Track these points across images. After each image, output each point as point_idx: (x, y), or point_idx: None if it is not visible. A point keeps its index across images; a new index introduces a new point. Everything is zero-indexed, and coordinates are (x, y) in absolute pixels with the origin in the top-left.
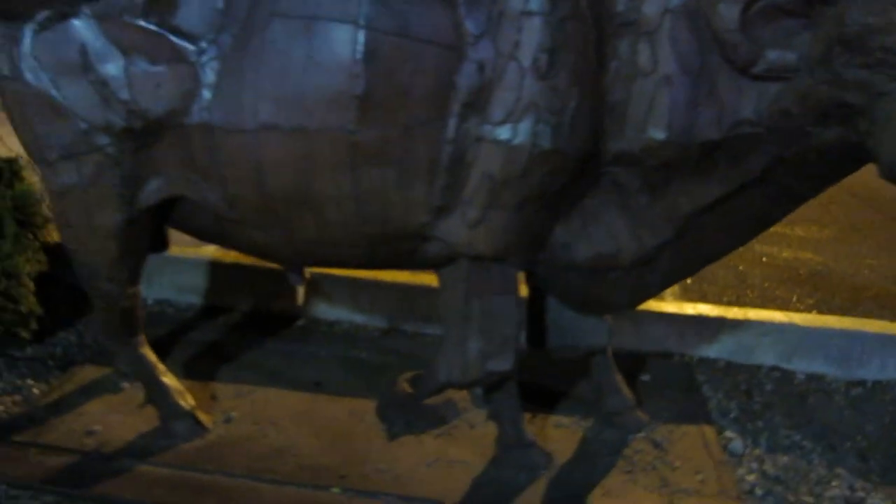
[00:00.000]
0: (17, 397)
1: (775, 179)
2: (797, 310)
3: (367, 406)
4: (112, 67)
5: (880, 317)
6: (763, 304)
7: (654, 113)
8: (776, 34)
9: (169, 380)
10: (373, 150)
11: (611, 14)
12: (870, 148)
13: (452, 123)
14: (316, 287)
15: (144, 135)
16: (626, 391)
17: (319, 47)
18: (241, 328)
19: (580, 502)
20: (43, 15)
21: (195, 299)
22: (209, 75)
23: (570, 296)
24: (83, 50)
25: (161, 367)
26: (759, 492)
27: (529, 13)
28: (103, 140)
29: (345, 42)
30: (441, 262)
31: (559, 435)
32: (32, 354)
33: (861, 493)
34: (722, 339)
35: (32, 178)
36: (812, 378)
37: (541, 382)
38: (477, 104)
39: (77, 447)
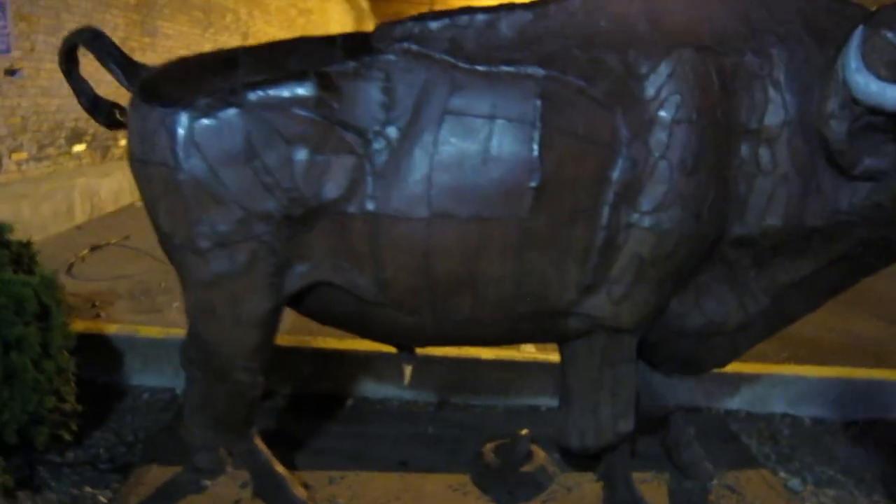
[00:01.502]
0: None
1: (857, 257)
2: (775, 362)
3: (463, 480)
4: (276, 156)
5: (840, 365)
6: (748, 360)
7: (772, 204)
8: (869, 144)
9: (283, 470)
10: (540, 236)
11: (738, 123)
12: None
13: (606, 211)
14: (364, 366)
15: (301, 222)
16: (697, 444)
17: (498, 144)
18: (293, 412)
19: None
20: (203, 101)
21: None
22: (375, 166)
23: (674, 359)
24: (248, 138)
25: (273, 458)
26: None
27: (679, 121)
28: (260, 228)
29: (522, 140)
30: (574, 336)
31: (648, 490)
32: (75, 460)
33: None
34: (742, 391)
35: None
36: (816, 421)
37: None
38: (628, 195)
39: None
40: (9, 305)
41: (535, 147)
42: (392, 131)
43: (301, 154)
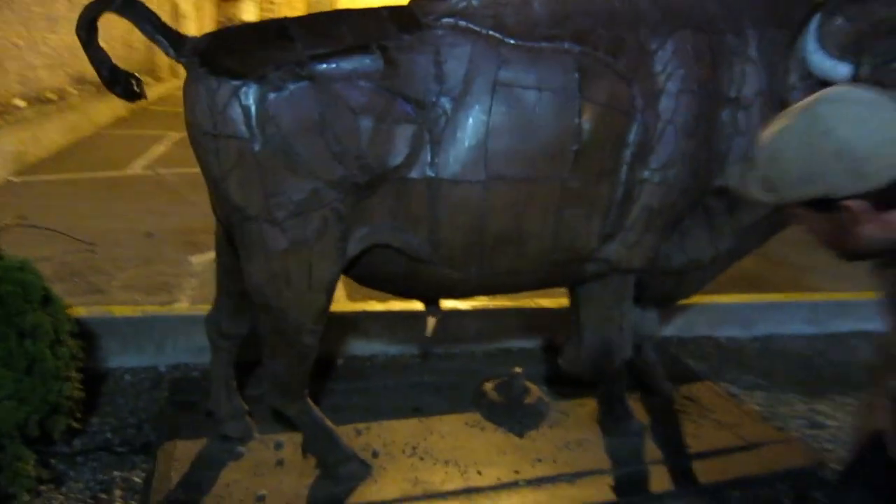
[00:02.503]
0: (118, 492)
1: None
2: None
3: (476, 417)
4: (345, 126)
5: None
6: None
7: None
8: None
9: (332, 425)
10: (575, 193)
11: (722, 92)
12: None
13: (624, 170)
14: (351, 326)
15: (365, 188)
16: (659, 366)
17: (544, 112)
18: None
19: (681, 448)
20: (275, 74)
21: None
22: (433, 134)
23: (657, 294)
24: (319, 110)
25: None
26: (766, 414)
27: (682, 91)
28: (332, 195)
29: (565, 109)
30: (590, 278)
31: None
32: (84, 447)
33: (815, 410)
34: (673, 320)
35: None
36: (731, 340)
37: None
38: (641, 155)
39: None
40: (17, 292)
41: (576, 115)
42: (446, 102)
43: (367, 124)
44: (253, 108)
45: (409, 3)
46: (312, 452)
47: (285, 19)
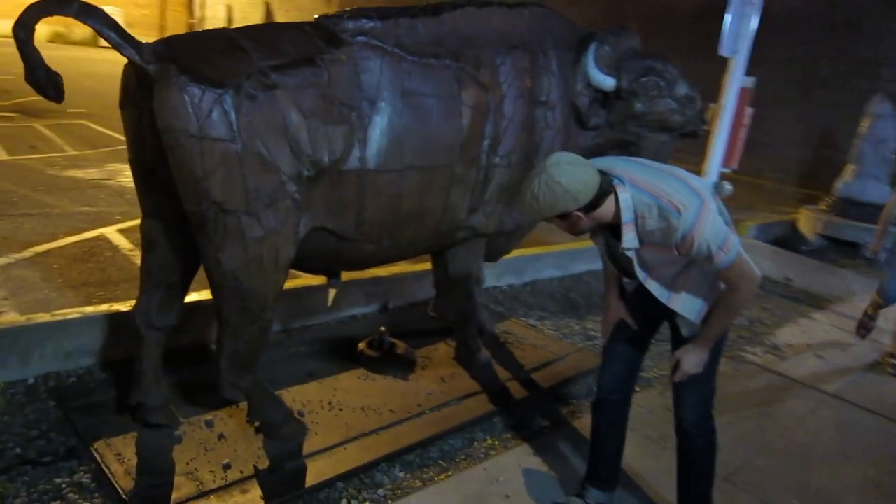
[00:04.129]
0: (73, 496)
1: None
2: None
3: (362, 372)
4: (301, 128)
5: None
6: None
7: (554, 146)
8: (594, 111)
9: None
10: (458, 177)
11: (538, 97)
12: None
13: (484, 157)
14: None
15: (313, 180)
16: (483, 309)
17: (439, 114)
18: (174, 370)
19: (520, 367)
20: (249, 84)
21: (90, 360)
22: (360, 133)
23: (492, 251)
24: (283, 114)
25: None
26: (558, 335)
27: (518, 97)
28: (293, 188)
29: (453, 111)
30: (458, 242)
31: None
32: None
33: (585, 328)
34: None
35: None
36: (510, 287)
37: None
38: (494, 145)
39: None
40: None
41: (459, 116)
42: (367, 106)
43: (316, 125)
44: (233, 114)
45: (320, 20)
46: (260, 418)
47: (229, 30)
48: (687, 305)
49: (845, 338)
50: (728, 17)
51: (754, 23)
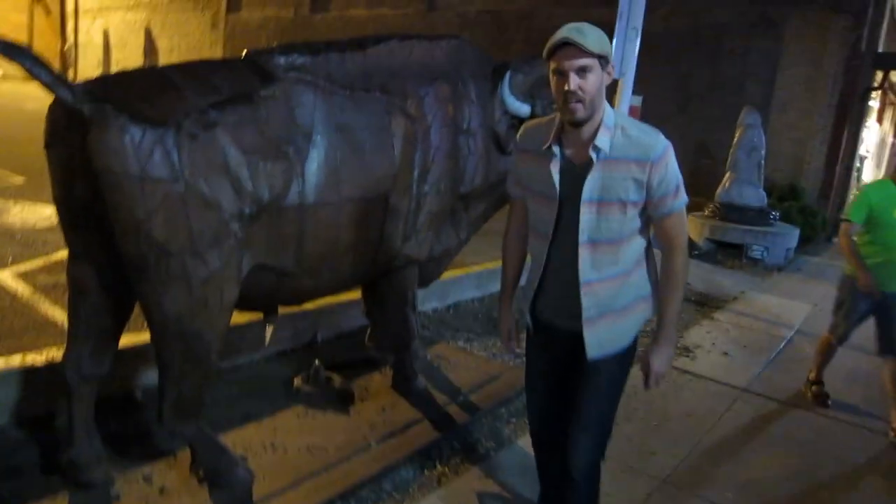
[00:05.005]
0: None
1: (504, 199)
2: None
3: (301, 409)
4: (241, 165)
5: None
6: None
7: (477, 172)
8: (511, 136)
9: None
10: (392, 207)
11: (460, 125)
12: None
13: (415, 186)
14: (143, 358)
15: (254, 218)
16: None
17: (372, 146)
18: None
19: (456, 390)
20: (189, 122)
21: (3, 419)
22: (298, 168)
23: (422, 278)
24: (224, 152)
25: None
26: (488, 355)
27: (442, 126)
28: (236, 226)
29: (385, 143)
30: (393, 271)
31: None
32: None
33: None
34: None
35: None
36: (435, 310)
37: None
38: (423, 174)
39: None
40: None
41: (391, 147)
42: (302, 141)
43: (256, 162)
44: (175, 153)
45: (251, 56)
46: (206, 465)
47: (161, 68)
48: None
49: (745, 334)
50: (615, 42)
51: (637, 46)
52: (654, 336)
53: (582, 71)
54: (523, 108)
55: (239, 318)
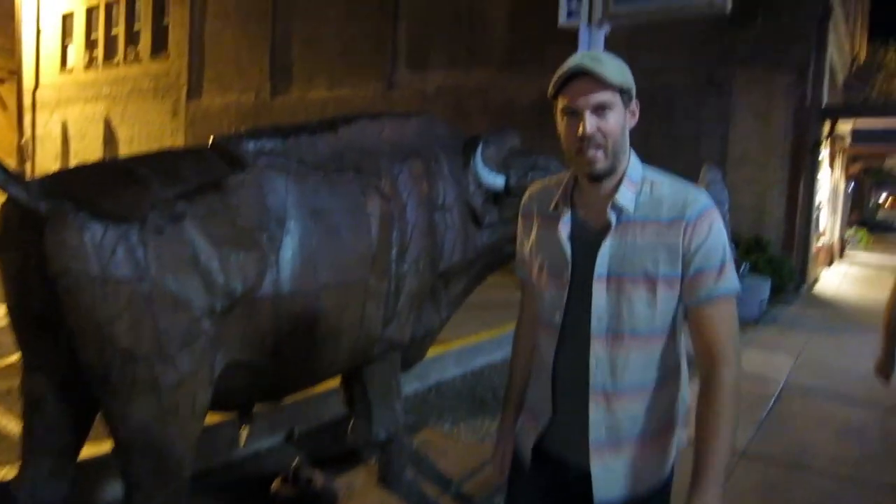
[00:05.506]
0: None
1: (480, 273)
2: None
3: None
4: (212, 258)
5: None
6: None
7: (455, 248)
8: (488, 209)
9: None
10: (372, 290)
11: (436, 201)
12: None
13: (393, 266)
14: (106, 470)
15: (226, 313)
16: None
17: (348, 227)
18: None
19: (446, 480)
20: (154, 215)
21: None
22: (272, 256)
23: (403, 361)
24: (193, 246)
25: None
26: (476, 439)
27: (418, 204)
28: (207, 324)
29: (362, 223)
30: (374, 358)
31: None
32: None
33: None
34: None
35: None
36: (415, 393)
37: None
38: (402, 253)
39: None
40: None
41: (368, 228)
42: (276, 228)
43: (227, 254)
44: (140, 250)
45: (218, 143)
46: None
47: (123, 160)
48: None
49: None
50: None
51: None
52: (694, 479)
53: (601, 109)
54: (497, 181)
55: (211, 416)
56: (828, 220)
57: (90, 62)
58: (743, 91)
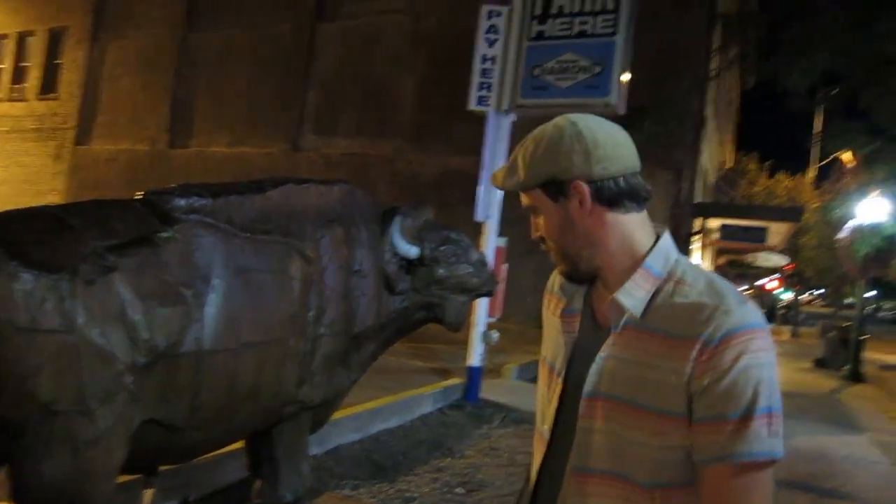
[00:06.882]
0: None
1: (391, 337)
2: None
3: None
4: (137, 312)
5: None
6: None
7: (369, 312)
8: (401, 277)
9: None
10: (291, 350)
11: (353, 267)
12: (440, 318)
13: (310, 328)
14: None
15: (147, 368)
16: None
17: (272, 288)
18: None
19: None
20: (85, 268)
21: None
22: (195, 312)
23: (313, 423)
24: (120, 298)
25: None
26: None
27: (338, 268)
28: (129, 378)
29: (286, 285)
30: (284, 418)
31: None
32: None
33: (400, 489)
34: None
35: None
36: (314, 458)
37: None
38: (319, 315)
39: None
40: None
41: (291, 289)
42: (201, 285)
43: (153, 308)
44: (72, 301)
45: (149, 197)
46: None
47: (53, 207)
48: None
49: None
50: (481, 188)
51: (501, 191)
52: None
53: (534, 212)
54: (412, 251)
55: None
56: None
57: None
58: None
